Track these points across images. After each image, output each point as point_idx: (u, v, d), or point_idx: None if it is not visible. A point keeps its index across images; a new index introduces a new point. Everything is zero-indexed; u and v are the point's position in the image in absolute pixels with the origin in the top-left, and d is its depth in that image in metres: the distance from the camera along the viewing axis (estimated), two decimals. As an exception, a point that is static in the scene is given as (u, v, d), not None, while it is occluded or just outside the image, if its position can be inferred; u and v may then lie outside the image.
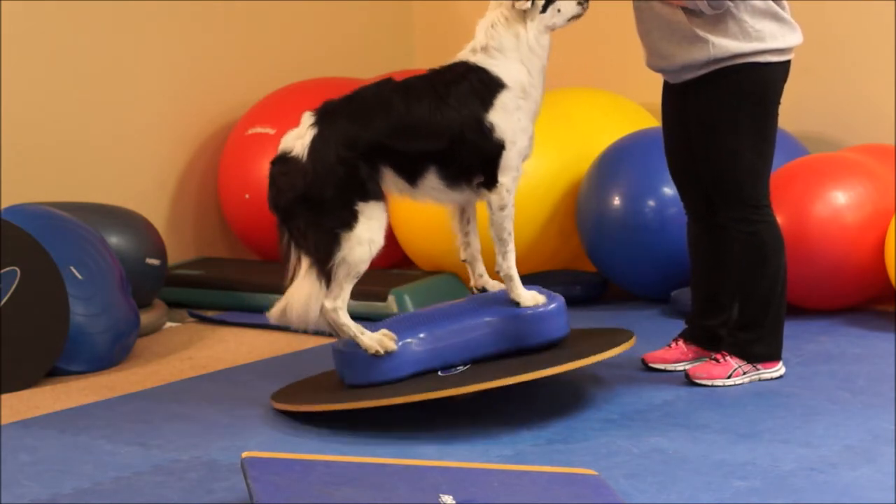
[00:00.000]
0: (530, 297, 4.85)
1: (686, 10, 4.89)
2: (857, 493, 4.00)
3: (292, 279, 4.80)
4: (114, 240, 6.01)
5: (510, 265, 4.85)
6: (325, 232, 4.67)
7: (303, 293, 4.74)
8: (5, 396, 5.21)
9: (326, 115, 4.76)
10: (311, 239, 4.70)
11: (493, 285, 5.01)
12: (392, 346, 4.72)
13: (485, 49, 4.81)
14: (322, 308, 4.73)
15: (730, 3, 4.83)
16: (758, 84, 4.95)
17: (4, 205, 6.05)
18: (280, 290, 4.90)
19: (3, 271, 5.31)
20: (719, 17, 4.87)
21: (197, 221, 7.29)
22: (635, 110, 6.86)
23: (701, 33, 4.89)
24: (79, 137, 6.72)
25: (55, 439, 4.69)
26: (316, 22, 7.68)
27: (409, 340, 4.76)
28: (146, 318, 6.08)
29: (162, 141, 7.10)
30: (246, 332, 6.22)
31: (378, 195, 4.73)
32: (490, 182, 4.80)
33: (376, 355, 4.71)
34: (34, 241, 5.39)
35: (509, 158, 4.79)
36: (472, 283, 5.06)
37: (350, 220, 4.67)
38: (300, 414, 4.84)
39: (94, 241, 5.69)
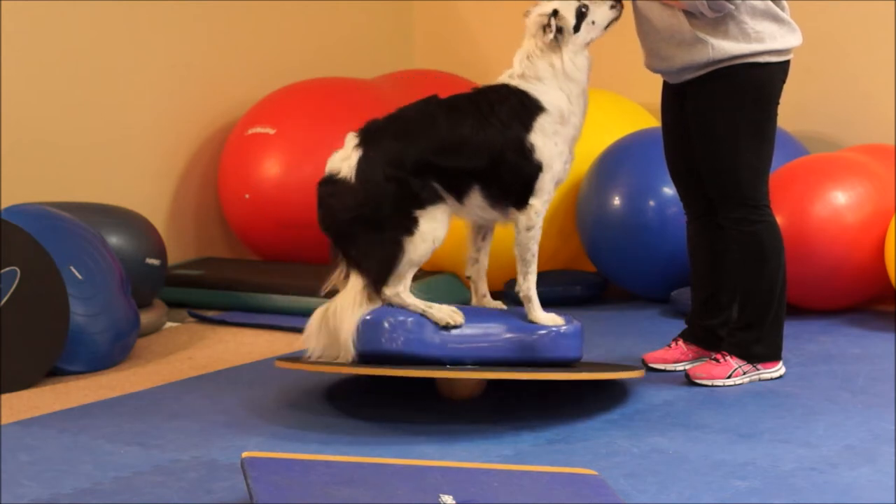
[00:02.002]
0: (549, 318, 4.84)
1: (686, 12, 4.89)
2: (857, 493, 4.00)
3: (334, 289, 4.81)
4: (114, 240, 6.01)
5: (530, 286, 4.84)
6: (390, 244, 4.68)
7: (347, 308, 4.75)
8: (5, 396, 5.21)
9: (370, 136, 4.75)
10: (374, 256, 4.69)
11: (496, 305, 5.00)
12: (461, 319, 4.72)
13: (522, 76, 4.83)
14: (383, 295, 4.73)
15: (730, 6, 4.83)
16: (757, 84, 4.95)
17: (4, 205, 6.04)
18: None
19: (3, 271, 5.30)
20: (719, 19, 4.87)
21: (197, 221, 7.29)
22: (635, 110, 6.86)
23: (701, 35, 4.89)
24: (79, 137, 6.72)
25: (55, 439, 4.68)
26: (316, 22, 7.68)
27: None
28: (146, 318, 6.08)
29: (162, 141, 7.10)
30: (246, 332, 6.22)
31: (435, 200, 4.72)
32: (521, 202, 4.81)
33: (446, 328, 4.71)
34: (34, 241, 5.38)
35: (544, 181, 4.80)
36: (473, 301, 5.03)
37: (411, 226, 4.68)
38: (300, 413, 4.85)
39: (94, 241, 5.68)
